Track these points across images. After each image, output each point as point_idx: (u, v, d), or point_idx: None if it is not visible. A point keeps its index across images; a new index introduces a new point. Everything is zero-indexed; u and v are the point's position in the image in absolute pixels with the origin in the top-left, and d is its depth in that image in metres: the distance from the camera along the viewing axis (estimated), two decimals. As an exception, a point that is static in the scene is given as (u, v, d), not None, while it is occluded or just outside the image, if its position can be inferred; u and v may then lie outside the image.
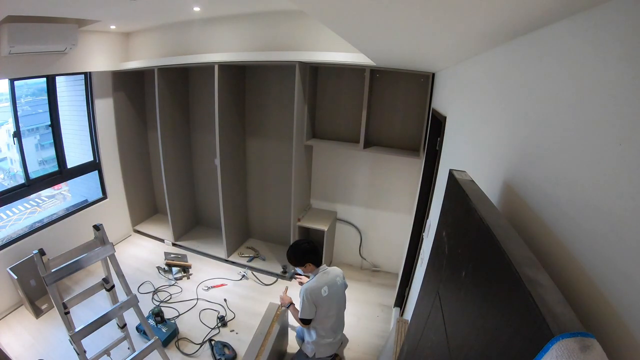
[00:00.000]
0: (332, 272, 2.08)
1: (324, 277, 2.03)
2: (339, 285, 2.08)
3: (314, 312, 2.00)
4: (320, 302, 1.98)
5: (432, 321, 0.87)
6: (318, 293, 1.97)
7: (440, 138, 1.87)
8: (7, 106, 2.89)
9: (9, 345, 2.47)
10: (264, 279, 3.36)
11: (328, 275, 2.05)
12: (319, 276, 2.03)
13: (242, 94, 3.35)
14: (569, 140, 0.54)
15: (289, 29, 2.79)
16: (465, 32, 0.91)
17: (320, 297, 1.97)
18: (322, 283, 1.99)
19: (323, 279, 2.02)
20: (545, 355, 0.31)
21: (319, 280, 2.01)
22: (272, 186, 3.64)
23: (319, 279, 2.01)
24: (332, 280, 2.04)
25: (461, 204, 0.69)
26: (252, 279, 3.35)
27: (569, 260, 0.49)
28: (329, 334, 2.08)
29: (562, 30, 0.60)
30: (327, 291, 1.99)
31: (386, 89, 2.88)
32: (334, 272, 2.10)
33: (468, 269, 0.62)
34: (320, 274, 2.05)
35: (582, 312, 0.43)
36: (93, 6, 2.30)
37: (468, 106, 1.32)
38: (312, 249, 2.05)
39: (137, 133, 3.99)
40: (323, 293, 1.98)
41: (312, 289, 1.96)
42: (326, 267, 2.09)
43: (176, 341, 2.55)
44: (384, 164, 3.12)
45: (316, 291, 1.96)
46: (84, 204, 3.62)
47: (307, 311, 1.98)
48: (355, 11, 0.83)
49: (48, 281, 1.68)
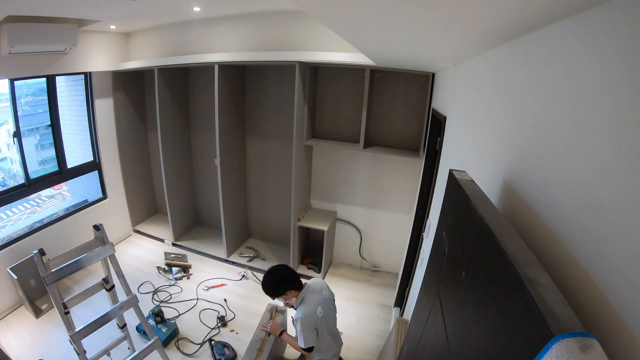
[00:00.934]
0: (317, 288, 1.93)
1: (313, 297, 1.88)
2: (327, 298, 1.96)
3: (315, 336, 1.85)
4: (319, 325, 1.84)
5: (432, 321, 0.87)
6: (315, 317, 1.82)
7: (440, 138, 1.87)
8: (7, 106, 2.89)
9: (9, 345, 2.47)
10: (264, 279, 3.36)
11: (315, 293, 1.90)
12: (307, 298, 1.87)
13: (242, 94, 3.35)
14: (568, 140, 0.54)
15: (289, 29, 2.79)
16: (466, 32, 0.91)
17: (318, 320, 1.84)
18: (314, 305, 1.85)
19: (313, 300, 1.87)
20: (545, 355, 0.31)
21: (310, 302, 1.85)
22: (272, 186, 3.64)
23: (310, 302, 1.86)
24: (322, 297, 1.91)
25: (461, 204, 0.69)
26: (252, 279, 3.35)
27: (569, 260, 0.49)
28: (331, 346, 1.98)
29: (561, 30, 0.60)
30: (322, 311, 1.86)
31: (386, 89, 2.88)
32: (319, 286, 1.96)
33: (468, 269, 0.62)
34: (308, 296, 1.88)
35: (582, 312, 0.43)
36: (93, 6, 2.30)
37: (468, 106, 1.32)
38: (290, 275, 1.88)
39: (137, 133, 3.99)
40: (319, 314, 1.84)
41: (308, 316, 1.81)
42: (308, 285, 1.93)
43: (176, 341, 2.55)
44: (384, 164, 3.12)
45: (313, 316, 1.82)
46: (84, 204, 3.62)
47: (309, 339, 1.82)
48: (356, 11, 0.83)
49: (48, 281, 1.68)
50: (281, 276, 1.87)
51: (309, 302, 1.85)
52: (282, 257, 3.54)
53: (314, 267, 3.40)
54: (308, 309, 1.83)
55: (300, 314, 1.81)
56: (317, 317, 1.83)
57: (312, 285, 1.94)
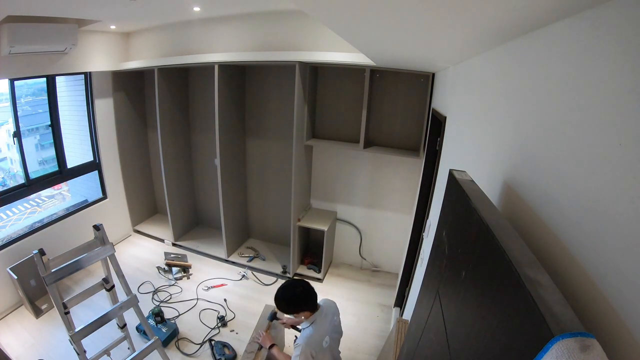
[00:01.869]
0: (329, 312, 1.77)
1: (323, 323, 1.70)
2: (337, 324, 1.80)
3: None
4: (320, 355, 1.64)
5: (432, 321, 0.87)
6: (319, 347, 1.64)
7: (440, 138, 1.87)
8: (7, 106, 2.89)
9: (9, 345, 2.47)
10: (264, 279, 3.36)
11: (326, 319, 1.73)
12: (317, 322, 1.69)
13: (242, 94, 3.35)
14: (568, 139, 0.54)
15: (289, 29, 2.79)
16: (467, 32, 0.91)
17: (321, 349, 1.65)
18: (322, 334, 1.67)
19: (322, 326, 1.69)
20: (545, 355, 0.31)
21: (319, 328, 1.67)
22: (272, 186, 3.64)
23: (318, 327, 1.68)
24: (332, 324, 1.75)
25: (461, 204, 0.69)
26: (252, 279, 3.35)
27: (569, 260, 0.49)
28: None
29: (562, 30, 0.60)
30: (328, 342, 1.69)
31: (386, 89, 2.88)
32: (331, 310, 1.80)
33: (468, 269, 0.62)
34: (319, 319, 1.70)
35: (582, 312, 0.43)
36: (93, 6, 2.30)
37: (468, 106, 1.32)
38: (308, 294, 1.70)
39: (137, 133, 3.99)
40: (324, 344, 1.67)
41: (312, 345, 1.62)
42: (322, 308, 1.75)
43: (176, 341, 2.56)
44: (384, 164, 3.12)
45: (317, 345, 1.63)
46: (84, 204, 3.62)
47: None
48: (356, 11, 0.83)
49: (48, 281, 1.68)
50: (296, 295, 1.69)
51: (318, 328, 1.68)
52: (282, 257, 3.54)
53: (314, 267, 3.40)
54: (315, 337, 1.65)
55: (304, 341, 1.62)
56: (322, 347, 1.66)
57: (325, 309, 1.76)
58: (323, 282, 3.33)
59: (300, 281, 1.76)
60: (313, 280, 3.33)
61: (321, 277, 3.34)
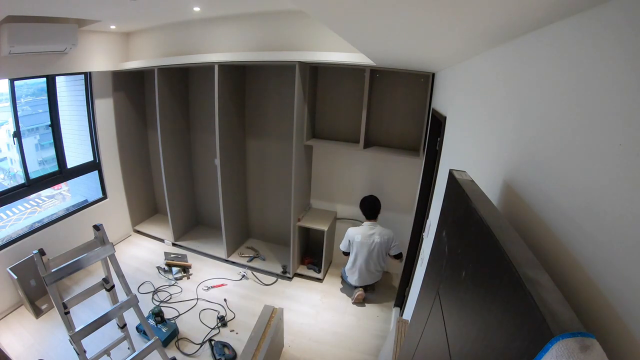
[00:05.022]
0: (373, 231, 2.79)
1: (364, 229, 2.81)
2: (372, 241, 2.77)
3: (347, 247, 2.91)
4: (352, 243, 2.84)
5: (432, 321, 0.87)
6: (352, 237, 2.84)
7: (440, 138, 1.87)
8: (7, 106, 2.89)
9: (9, 345, 2.47)
10: (264, 279, 3.36)
11: (368, 229, 2.79)
12: (362, 227, 2.85)
13: (242, 94, 3.35)
14: (569, 139, 0.54)
15: (289, 29, 2.79)
16: (467, 32, 0.91)
17: (354, 240, 2.81)
18: (358, 232, 2.83)
19: (362, 230, 2.81)
20: (545, 355, 0.31)
21: (360, 229, 2.85)
22: (272, 186, 3.64)
23: (360, 228, 2.85)
24: (368, 234, 2.78)
25: (461, 204, 0.69)
26: (252, 279, 3.35)
27: (569, 261, 0.49)
28: (354, 271, 2.92)
29: (562, 30, 0.60)
30: (360, 240, 2.79)
31: (386, 89, 2.88)
32: (375, 230, 2.79)
33: (468, 269, 0.62)
34: (364, 226, 2.84)
35: (582, 312, 0.43)
36: (93, 6, 2.31)
37: (468, 106, 1.33)
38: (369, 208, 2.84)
39: (137, 133, 3.98)
40: (356, 238, 2.80)
41: (351, 233, 2.86)
42: (375, 224, 2.82)
43: (176, 341, 2.55)
44: (384, 164, 3.12)
45: (352, 235, 2.84)
46: (84, 204, 3.62)
47: (343, 244, 2.94)
48: (357, 11, 0.83)
49: (48, 281, 1.68)
50: (364, 204, 2.88)
51: (360, 228, 2.85)
52: (282, 257, 3.54)
53: (314, 267, 3.40)
54: (355, 230, 2.86)
55: (351, 228, 2.91)
56: (354, 239, 2.82)
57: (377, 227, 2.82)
58: (323, 282, 3.33)
59: (373, 197, 2.91)
60: (313, 281, 3.34)
61: (321, 277, 3.34)
